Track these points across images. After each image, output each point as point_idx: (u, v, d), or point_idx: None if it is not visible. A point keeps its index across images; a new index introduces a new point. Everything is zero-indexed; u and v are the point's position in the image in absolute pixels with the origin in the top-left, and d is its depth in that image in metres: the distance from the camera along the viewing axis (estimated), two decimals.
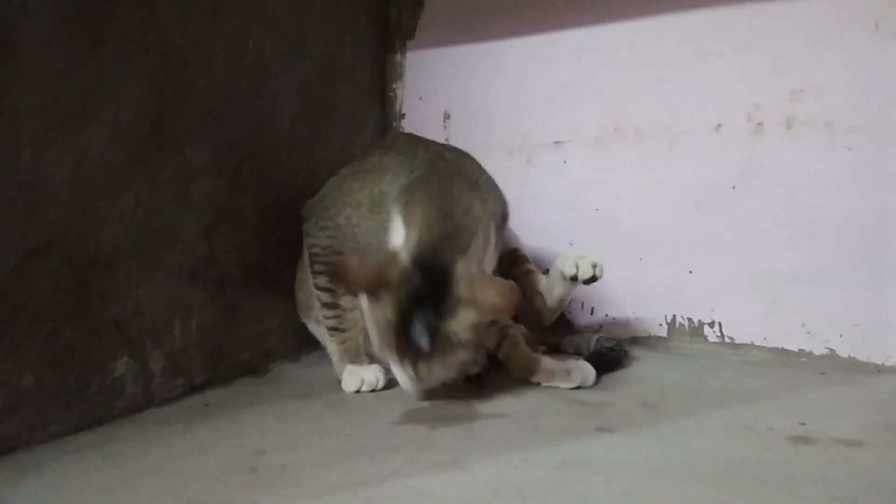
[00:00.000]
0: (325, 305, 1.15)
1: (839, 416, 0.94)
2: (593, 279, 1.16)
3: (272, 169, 1.25)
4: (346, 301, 1.13)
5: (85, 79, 0.92)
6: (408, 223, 1.00)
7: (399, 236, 0.99)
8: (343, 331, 1.15)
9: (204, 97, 1.11)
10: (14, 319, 0.86)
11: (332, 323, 1.15)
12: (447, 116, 1.53)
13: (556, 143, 1.43)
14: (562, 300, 1.23)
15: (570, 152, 1.41)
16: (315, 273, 1.15)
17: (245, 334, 1.21)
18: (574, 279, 1.16)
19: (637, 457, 0.82)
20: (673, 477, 0.76)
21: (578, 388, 1.08)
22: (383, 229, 1.04)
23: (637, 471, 0.78)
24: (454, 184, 1.05)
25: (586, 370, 1.09)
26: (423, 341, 0.91)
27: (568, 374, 1.09)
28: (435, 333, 0.91)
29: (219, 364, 1.15)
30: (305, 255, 1.20)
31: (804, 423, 0.91)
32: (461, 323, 0.93)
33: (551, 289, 1.22)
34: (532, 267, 1.25)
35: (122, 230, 0.99)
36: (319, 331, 1.23)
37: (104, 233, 0.96)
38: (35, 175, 0.87)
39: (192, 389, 1.11)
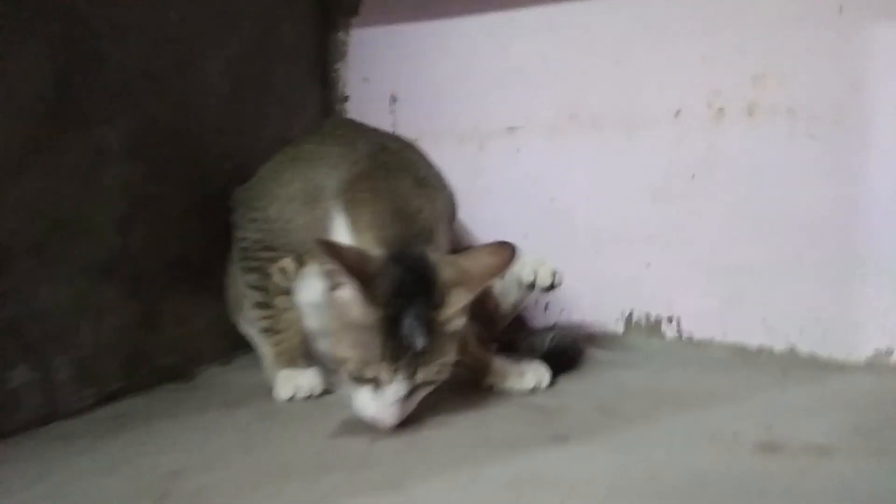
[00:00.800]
0: (258, 305, 1.05)
1: (806, 419, 0.89)
2: (552, 287, 1.08)
3: (198, 154, 1.13)
4: (280, 301, 1.04)
5: None
6: (356, 225, 0.90)
7: (344, 239, 0.90)
8: (277, 332, 1.05)
9: (117, 72, 0.98)
10: None
11: (264, 324, 1.05)
12: (394, 100, 1.43)
13: (509, 129, 1.34)
14: (516, 306, 1.17)
15: (525, 140, 1.33)
16: (245, 270, 1.05)
17: (167, 337, 1.09)
18: (532, 287, 1.08)
19: (595, 471, 0.75)
20: (635, 494, 0.69)
21: (533, 390, 1.01)
22: (321, 228, 0.94)
23: (595, 487, 0.71)
24: (402, 181, 0.96)
25: (541, 371, 1.02)
26: (419, 336, 0.80)
27: (522, 375, 1.01)
28: (430, 325, 0.82)
29: (136, 370, 1.04)
30: (234, 252, 1.10)
31: (770, 427, 0.85)
32: (453, 307, 0.85)
33: (506, 293, 1.15)
34: None
35: (18, 221, 0.87)
36: (251, 331, 1.13)
37: None
38: None
39: (106, 399, 0.99)
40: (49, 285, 0.91)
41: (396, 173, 0.96)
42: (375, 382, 0.83)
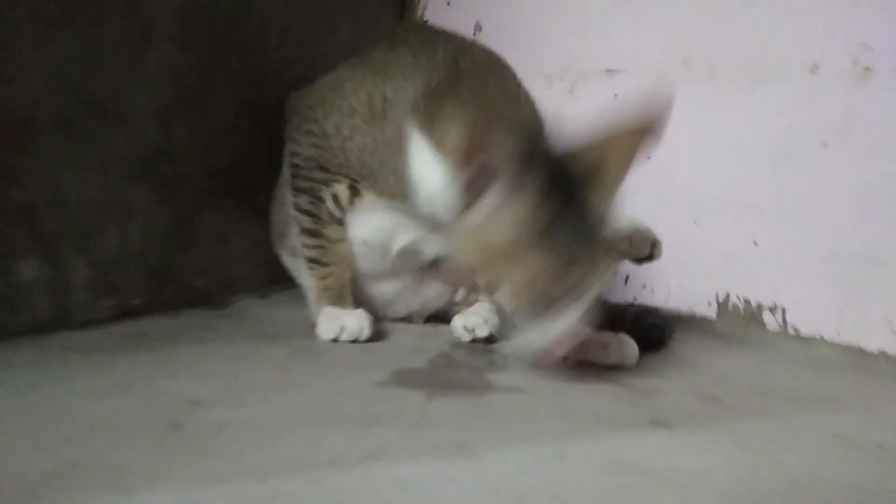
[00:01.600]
0: (306, 232, 0.91)
1: None
2: (649, 258, 0.92)
3: (257, 54, 0.99)
4: (331, 230, 0.90)
5: None
6: (442, 144, 0.75)
7: (425, 164, 0.76)
8: (325, 265, 0.91)
9: None
10: None
11: (312, 254, 0.91)
12: (478, 28, 1.27)
13: (607, 71, 1.18)
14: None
15: (624, 84, 1.16)
16: (295, 190, 0.91)
17: (202, 255, 0.96)
18: (624, 255, 0.92)
19: (714, 466, 0.59)
20: (774, 501, 0.53)
21: (617, 366, 0.85)
22: (392, 151, 0.80)
23: (720, 486, 0.55)
24: (492, 89, 0.80)
25: (629, 345, 0.86)
26: (590, 242, 0.68)
27: (605, 347, 0.85)
28: (595, 230, 0.70)
29: (165, 287, 0.91)
30: (285, 170, 0.96)
31: None
32: (608, 187, 0.72)
33: None
34: None
35: (44, 90, 0.74)
36: (294, 264, 0.99)
37: (18, 89, 0.71)
38: None
39: (126, 314, 0.87)
40: (75, 172, 0.78)
41: (485, 81, 0.80)
42: (547, 302, 0.69)
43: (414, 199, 0.81)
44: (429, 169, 0.78)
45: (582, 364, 0.83)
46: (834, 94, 1.03)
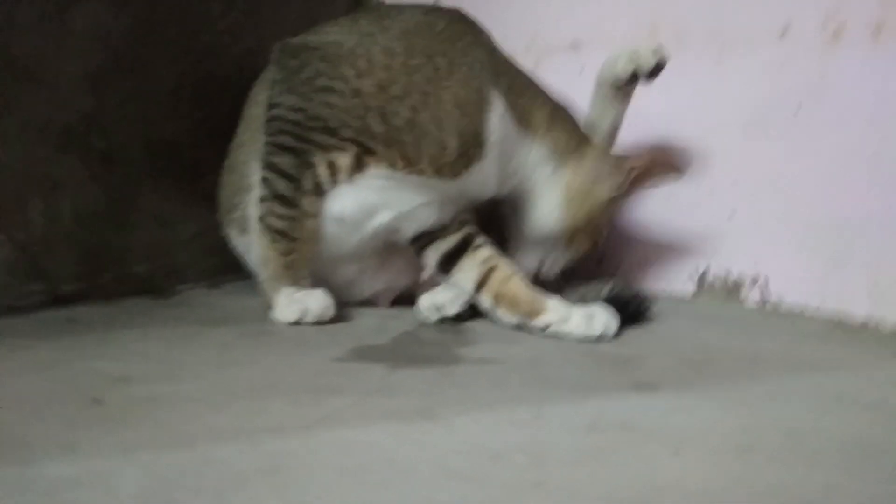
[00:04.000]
0: (278, 199, 0.80)
1: None
2: (658, 69, 0.92)
3: (199, 23, 0.93)
4: (308, 202, 0.80)
5: None
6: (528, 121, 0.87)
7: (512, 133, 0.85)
8: (292, 239, 0.81)
9: None
10: None
11: (278, 224, 0.81)
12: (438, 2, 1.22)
13: (572, 44, 1.13)
14: (615, 128, 0.98)
15: (591, 58, 1.10)
16: (277, 148, 0.80)
17: (143, 239, 0.88)
18: (633, 80, 0.93)
19: (706, 423, 0.53)
20: (771, 453, 0.48)
21: (599, 337, 0.79)
22: (460, 115, 0.81)
23: (713, 442, 0.49)
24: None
25: (609, 316, 0.80)
26: None
27: (590, 318, 0.79)
28: None
29: (101, 272, 0.83)
30: (243, 130, 0.88)
31: None
32: None
33: (599, 118, 0.97)
34: None
35: None
36: (243, 242, 0.90)
37: None
38: None
39: (57, 300, 0.78)
40: None
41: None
42: None
43: (474, 163, 0.82)
44: (511, 134, 0.85)
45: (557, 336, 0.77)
46: (805, 57, 0.99)
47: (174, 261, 0.94)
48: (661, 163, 0.93)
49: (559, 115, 0.91)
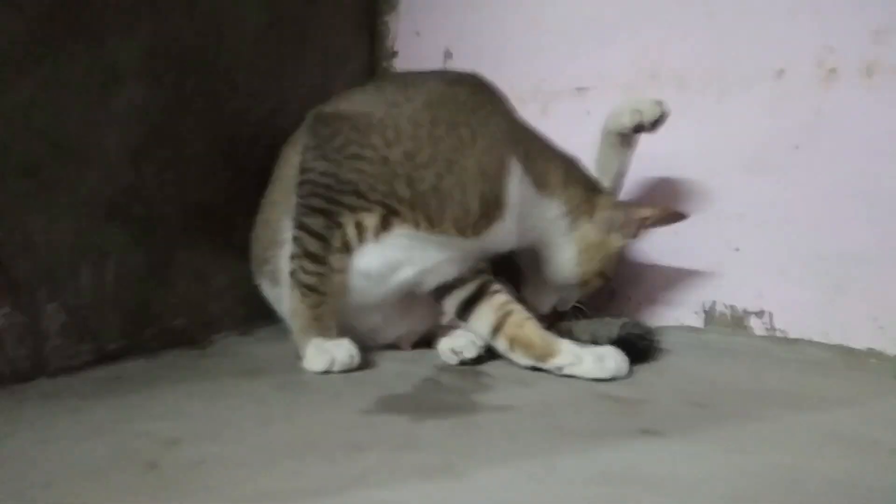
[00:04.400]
0: (309, 256, 0.86)
1: None
2: (661, 119, 1.00)
3: (227, 90, 0.99)
4: (336, 259, 0.86)
5: None
6: (542, 180, 0.93)
7: (520, 196, 0.90)
8: (321, 293, 0.87)
9: None
10: None
11: (310, 280, 0.87)
12: (448, 55, 1.29)
13: (577, 89, 1.19)
14: (621, 174, 1.06)
15: (595, 101, 1.17)
16: (309, 210, 0.86)
17: (181, 294, 0.95)
18: (639, 129, 1.01)
19: (707, 471, 0.58)
20: (773, 501, 0.52)
21: (610, 379, 0.84)
22: (482, 181, 0.86)
23: (715, 492, 0.54)
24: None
25: (620, 358, 0.85)
26: None
27: (601, 360, 0.84)
28: None
29: (143, 328, 0.90)
30: (275, 190, 0.95)
31: None
32: None
33: (607, 164, 1.04)
34: None
35: (10, 134, 0.73)
36: (275, 293, 0.96)
37: None
38: None
39: (104, 358, 0.85)
40: (45, 215, 0.77)
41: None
42: None
43: (495, 223, 0.87)
44: (529, 195, 0.90)
45: (569, 379, 0.82)
46: (801, 97, 1.04)
47: (209, 312, 1.00)
48: (668, 210, 0.99)
49: (572, 173, 0.96)
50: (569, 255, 0.97)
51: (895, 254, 0.98)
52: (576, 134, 1.10)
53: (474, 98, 0.90)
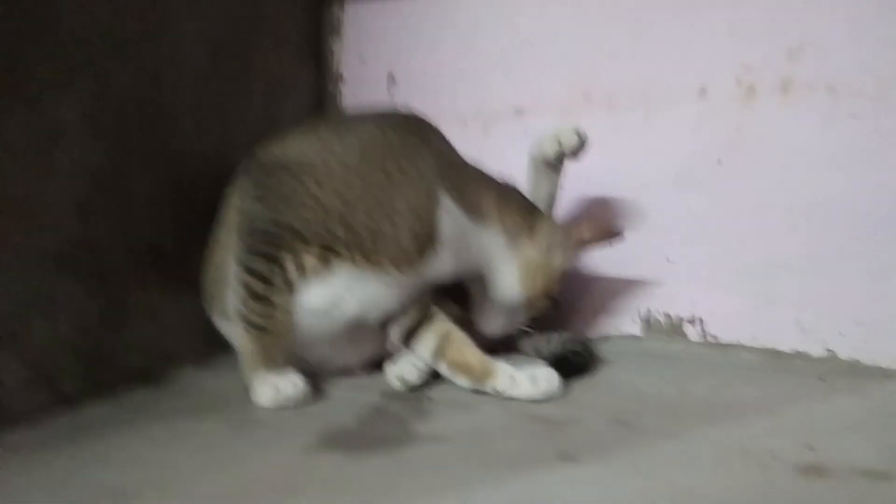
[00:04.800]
0: (254, 296, 0.90)
1: (851, 437, 0.77)
2: (581, 146, 1.06)
3: (170, 132, 1.03)
4: (282, 297, 0.90)
5: None
6: (472, 207, 0.96)
7: (460, 223, 0.95)
8: (269, 332, 0.91)
9: (74, 35, 0.88)
10: None
11: (255, 319, 0.91)
12: (392, 79, 1.32)
13: (516, 110, 1.23)
14: (552, 196, 1.11)
15: (533, 122, 1.21)
16: (251, 253, 0.90)
17: (135, 334, 0.99)
18: (560, 157, 1.06)
19: (609, 495, 0.63)
20: None
21: (543, 400, 0.90)
22: (413, 215, 0.90)
23: None
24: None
25: (553, 379, 0.91)
26: None
27: (534, 382, 0.90)
28: None
29: (99, 371, 0.94)
30: (221, 231, 0.98)
31: (812, 448, 0.74)
32: None
33: (536, 188, 1.09)
34: None
35: None
36: (227, 327, 1.01)
37: None
38: None
39: (63, 403, 0.89)
40: None
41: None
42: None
43: (430, 256, 0.92)
44: (463, 226, 0.95)
45: (505, 400, 0.88)
46: (723, 114, 1.09)
47: (166, 348, 1.04)
48: (606, 229, 1.03)
49: (507, 197, 1.00)
50: (512, 277, 1.01)
51: (816, 261, 1.04)
52: (516, 154, 1.16)
53: (403, 138, 0.94)
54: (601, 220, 1.08)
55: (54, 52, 0.86)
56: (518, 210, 1.01)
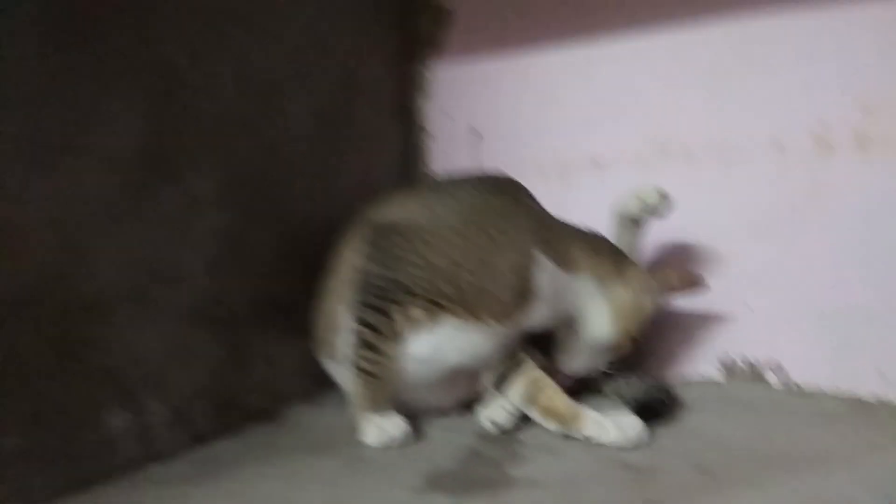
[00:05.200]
0: (366, 345, 1.00)
1: None
2: (663, 206, 1.12)
3: (285, 196, 1.15)
4: (391, 346, 1.00)
5: (72, 104, 0.84)
6: (565, 261, 1.06)
7: (549, 279, 1.03)
8: (379, 378, 1.01)
9: (209, 122, 1.02)
10: None
11: (366, 366, 1.00)
12: (476, 134, 1.42)
13: (594, 162, 1.30)
14: (636, 251, 1.17)
15: (611, 173, 1.28)
16: (364, 305, 1.00)
17: (255, 377, 1.11)
18: (643, 215, 1.13)
19: None
20: None
21: (629, 446, 0.96)
22: (514, 275, 1.00)
23: None
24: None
25: (639, 426, 0.97)
26: None
27: (621, 428, 0.96)
28: None
29: (227, 412, 1.06)
30: (333, 281, 1.09)
31: (893, 500, 0.77)
32: None
33: (621, 241, 1.16)
34: None
35: (116, 271, 0.90)
36: (337, 370, 1.12)
37: (97, 275, 0.87)
38: (15, 215, 0.78)
39: (198, 441, 1.01)
40: (145, 331, 0.94)
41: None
42: None
43: (528, 309, 1.01)
44: (556, 278, 1.04)
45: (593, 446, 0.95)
46: (799, 167, 1.13)
47: (281, 388, 1.16)
48: (693, 277, 1.12)
49: (596, 246, 1.09)
50: (603, 319, 1.10)
51: (894, 309, 1.07)
52: (595, 204, 1.23)
53: (500, 200, 1.04)
54: (687, 270, 1.15)
55: (194, 134, 0.99)
56: (608, 257, 1.10)
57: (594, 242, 1.11)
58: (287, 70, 1.15)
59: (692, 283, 1.11)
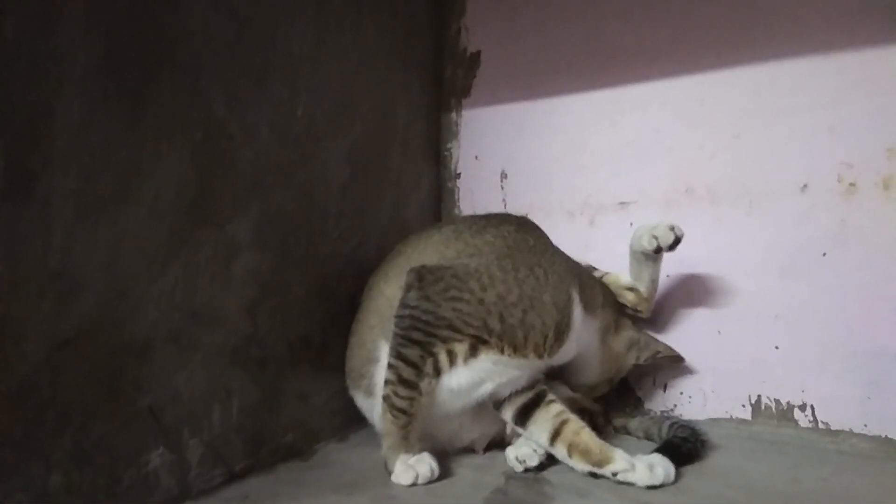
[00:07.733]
0: (403, 382, 1.01)
1: None
2: (677, 242, 1.14)
3: (319, 239, 1.19)
4: (427, 383, 1.02)
5: (123, 158, 0.89)
6: (590, 304, 1.12)
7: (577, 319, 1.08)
8: (410, 415, 1.03)
9: (248, 170, 1.06)
10: (41, 416, 0.81)
11: (401, 404, 1.02)
12: (504, 176, 1.45)
13: (620, 203, 1.33)
14: (654, 281, 1.20)
15: (637, 214, 1.30)
16: (406, 341, 1.01)
17: (288, 415, 1.14)
18: (658, 251, 1.15)
19: None
20: None
21: (657, 486, 0.96)
22: (556, 313, 1.03)
23: None
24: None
25: (668, 467, 0.97)
26: None
27: (650, 468, 0.97)
28: None
29: (260, 449, 1.09)
30: (368, 315, 1.13)
31: None
32: None
33: (639, 275, 1.19)
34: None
35: (158, 313, 0.94)
36: (368, 404, 1.14)
37: (140, 317, 0.92)
38: (66, 263, 0.83)
39: (232, 478, 1.04)
40: (185, 371, 0.97)
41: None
42: None
43: (565, 345, 1.05)
44: (582, 317, 1.09)
45: (621, 486, 0.96)
46: (825, 209, 1.14)
47: (311, 426, 1.19)
48: (674, 353, 1.22)
49: (607, 296, 1.14)
50: (594, 363, 1.17)
51: None
52: (620, 244, 1.25)
53: (533, 238, 1.09)
54: (670, 347, 1.24)
55: (234, 183, 1.04)
56: (612, 306, 1.16)
57: (604, 289, 1.18)
58: (324, 119, 1.20)
59: (674, 360, 1.23)
